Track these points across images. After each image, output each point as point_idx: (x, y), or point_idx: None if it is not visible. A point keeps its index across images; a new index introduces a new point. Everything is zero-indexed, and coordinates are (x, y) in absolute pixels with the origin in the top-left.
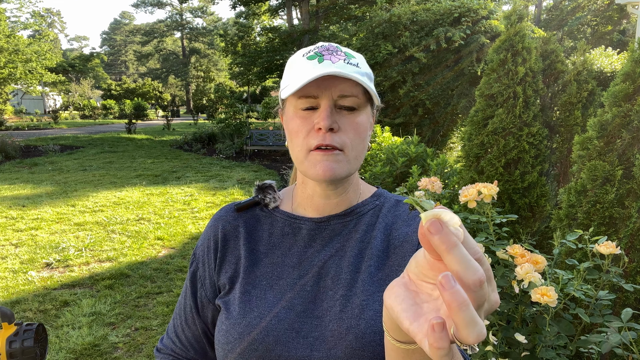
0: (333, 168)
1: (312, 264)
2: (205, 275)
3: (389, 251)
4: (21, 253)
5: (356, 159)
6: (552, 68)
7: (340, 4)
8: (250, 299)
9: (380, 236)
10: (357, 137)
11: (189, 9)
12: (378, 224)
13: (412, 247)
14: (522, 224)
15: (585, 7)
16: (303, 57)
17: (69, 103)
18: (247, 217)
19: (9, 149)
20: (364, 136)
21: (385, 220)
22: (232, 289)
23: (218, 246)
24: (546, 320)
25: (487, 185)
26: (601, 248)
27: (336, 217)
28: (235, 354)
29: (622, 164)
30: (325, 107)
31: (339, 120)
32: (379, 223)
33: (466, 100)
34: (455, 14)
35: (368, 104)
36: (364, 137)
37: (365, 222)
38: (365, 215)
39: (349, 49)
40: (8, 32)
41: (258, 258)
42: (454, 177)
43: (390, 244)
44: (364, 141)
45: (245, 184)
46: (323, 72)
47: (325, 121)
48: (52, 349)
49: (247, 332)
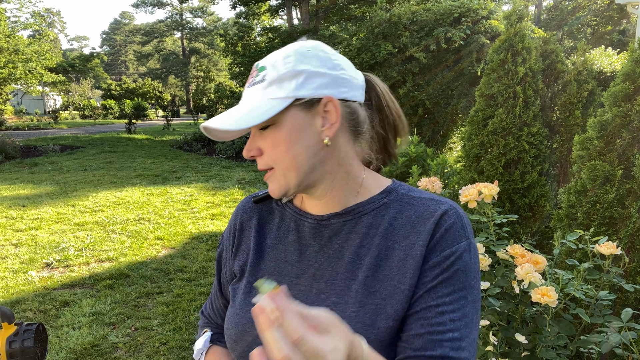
0: (272, 189)
1: (310, 264)
2: (227, 258)
3: (388, 262)
4: (21, 253)
5: (290, 170)
6: (552, 68)
7: (340, 4)
8: (252, 292)
9: (381, 242)
10: (277, 151)
11: (189, 9)
12: (381, 226)
13: (415, 263)
14: (522, 224)
15: (585, 7)
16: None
17: (69, 103)
18: (263, 209)
19: (9, 149)
20: (286, 146)
21: (391, 223)
22: (242, 278)
23: (235, 234)
24: (546, 321)
25: (488, 185)
26: (602, 248)
27: (336, 215)
28: (232, 341)
29: (622, 164)
30: (251, 135)
31: (259, 144)
32: (382, 226)
33: (466, 100)
34: (455, 14)
35: (289, 109)
36: (287, 147)
37: (366, 224)
38: (367, 214)
39: (269, 57)
40: (8, 32)
41: (264, 251)
42: (454, 177)
43: (390, 254)
44: (290, 149)
45: (245, 184)
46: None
47: (245, 151)
48: (52, 349)
49: (243, 324)
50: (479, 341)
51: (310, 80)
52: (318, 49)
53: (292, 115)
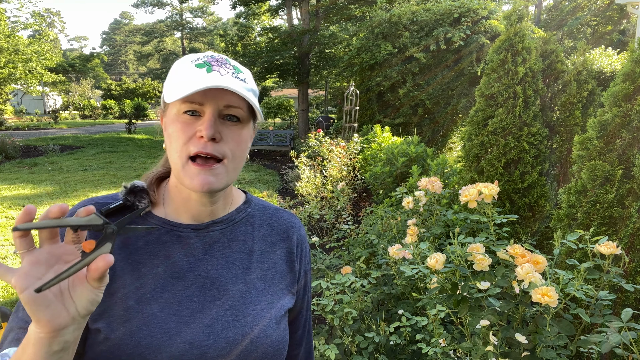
0: (210, 182)
1: (196, 274)
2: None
3: (269, 263)
4: None
5: (235, 170)
6: (552, 68)
7: (340, 4)
8: (134, 316)
9: (259, 248)
10: (239, 149)
11: (189, 9)
12: (255, 235)
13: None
14: (522, 224)
15: (585, 7)
16: (191, 63)
17: (69, 103)
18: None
19: (9, 149)
20: (244, 148)
21: (261, 230)
22: (111, 305)
23: None
24: (546, 321)
25: (488, 185)
26: (602, 248)
27: (213, 224)
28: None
29: (622, 164)
30: (210, 116)
31: (222, 131)
32: (256, 234)
33: (466, 100)
34: (455, 14)
35: (251, 120)
36: (244, 149)
37: (242, 232)
38: (239, 223)
39: (237, 63)
40: (8, 32)
41: (135, 268)
42: (454, 177)
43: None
44: (244, 153)
45: (245, 183)
46: (212, 84)
47: (209, 130)
48: None
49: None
50: (479, 341)
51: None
52: None
53: (252, 126)
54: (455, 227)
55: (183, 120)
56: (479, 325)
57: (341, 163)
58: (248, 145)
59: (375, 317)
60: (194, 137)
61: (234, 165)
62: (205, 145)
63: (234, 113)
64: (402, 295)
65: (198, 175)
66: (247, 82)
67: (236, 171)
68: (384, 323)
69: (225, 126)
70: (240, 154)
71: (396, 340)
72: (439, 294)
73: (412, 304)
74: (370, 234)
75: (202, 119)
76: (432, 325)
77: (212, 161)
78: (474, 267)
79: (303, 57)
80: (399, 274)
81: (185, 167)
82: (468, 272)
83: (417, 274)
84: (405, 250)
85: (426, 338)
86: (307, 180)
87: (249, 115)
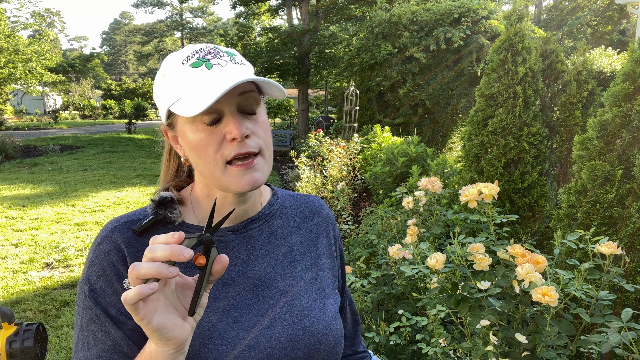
0: (257, 178)
1: (245, 277)
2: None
3: (311, 251)
4: (21, 253)
5: (271, 157)
6: (552, 68)
7: (340, 4)
8: (195, 331)
9: (298, 239)
10: (267, 135)
11: (189, 9)
12: (292, 226)
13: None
14: (522, 224)
15: (585, 7)
16: (184, 65)
17: (69, 103)
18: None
19: (9, 149)
20: (269, 131)
21: (295, 219)
22: None
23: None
24: (547, 320)
25: (488, 185)
26: (602, 248)
27: (250, 222)
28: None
29: (622, 164)
30: (233, 116)
31: (247, 124)
32: (292, 225)
33: (466, 100)
34: (455, 14)
35: (260, 97)
36: (269, 132)
37: (279, 225)
38: (274, 216)
39: (225, 47)
40: (8, 32)
41: None
42: (454, 177)
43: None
44: (271, 136)
45: None
46: (228, 84)
47: (239, 130)
48: (52, 349)
49: None
50: (479, 341)
51: None
52: None
53: (263, 105)
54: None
55: (204, 129)
56: (479, 325)
57: (341, 163)
58: (269, 125)
59: (375, 317)
60: (223, 140)
61: (269, 153)
62: (240, 145)
63: (251, 108)
64: (402, 295)
65: (243, 175)
66: (245, 64)
67: (272, 157)
68: (384, 323)
69: (247, 119)
70: (269, 139)
71: (396, 340)
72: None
73: (412, 304)
74: (370, 234)
75: (223, 120)
76: (432, 325)
77: (251, 157)
78: (474, 267)
79: (303, 57)
80: (399, 274)
81: (226, 172)
82: (468, 272)
83: (417, 274)
84: (405, 250)
85: (426, 338)
86: (307, 180)
87: (258, 93)
